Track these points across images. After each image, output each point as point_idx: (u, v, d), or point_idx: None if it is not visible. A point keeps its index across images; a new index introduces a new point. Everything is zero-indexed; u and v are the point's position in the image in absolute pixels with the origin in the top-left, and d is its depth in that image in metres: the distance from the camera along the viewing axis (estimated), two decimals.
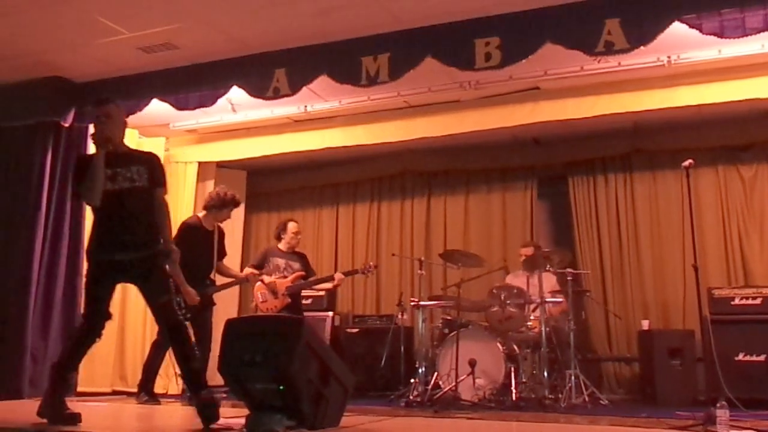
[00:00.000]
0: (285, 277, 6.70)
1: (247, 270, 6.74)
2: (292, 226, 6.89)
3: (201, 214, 6.35)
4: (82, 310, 4.59)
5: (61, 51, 6.42)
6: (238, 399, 4.04)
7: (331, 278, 6.83)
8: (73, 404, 6.06)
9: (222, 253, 6.42)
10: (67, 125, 6.98)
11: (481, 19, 5.61)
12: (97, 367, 7.17)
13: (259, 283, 6.68)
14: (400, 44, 5.84)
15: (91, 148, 4.50)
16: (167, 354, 6.32)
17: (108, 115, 4.42)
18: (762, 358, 6.05)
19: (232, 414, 4.29)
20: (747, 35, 4.93)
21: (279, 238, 6.90)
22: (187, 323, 4.33)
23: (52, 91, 6.94)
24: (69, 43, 6.25)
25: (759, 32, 4.91)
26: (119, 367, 7.52)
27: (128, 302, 7.55)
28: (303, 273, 6.78)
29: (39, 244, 6.73)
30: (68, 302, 6.78)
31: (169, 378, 7.44)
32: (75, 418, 4.06)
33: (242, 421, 3.68)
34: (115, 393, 7.27)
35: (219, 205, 6.25)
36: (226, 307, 8.09)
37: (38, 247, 6.72)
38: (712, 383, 5.86)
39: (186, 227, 6.20)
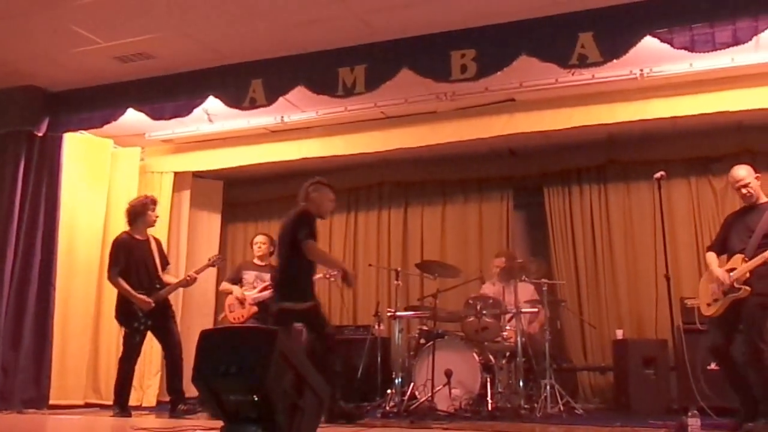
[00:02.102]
0: (254, 288, 6.91)
1: (236, 291, 6.95)
2: (258, 238, 7.27)
3: (128, 228, 6.37)
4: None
5: (35, 60, 6.37)
6: (213, 410, 4.01)
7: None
8: (45, 417, 6.02)
9: (164, 260, 6.47)
10: (40, 135, 6.92)
11: (457, 32, 5.66)
12: (70, 379, 7.07)
13: (230, 295, 6.96)
14: (376, 56, 5.87)
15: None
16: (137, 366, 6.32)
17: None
18: None
19: (207, 426, 4.27)
20: (717, 49, 5.03)
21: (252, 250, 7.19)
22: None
23: (25, 100, 6.88)
24: (43, 52, 6.20)
25: (728, 47, 5.00)
26: (92, 379, 7.41)
27: (102, 314, 7.47)
28: (268, 283, 6.80)
29: (11, 255, 6.66)
30: (40, 314, 6.69)
31: (144, 390, 7.38)
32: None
33: None
34: (87, 405, 7.18)
35: (139, 213, 6.30)
36: (201, 318, 8.09)
37: (10, 258, 6.64)
38: (685, 392, 5.93)
39: (118, 243, 6.28)
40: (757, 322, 4.65)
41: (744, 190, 4.93)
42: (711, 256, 5.04)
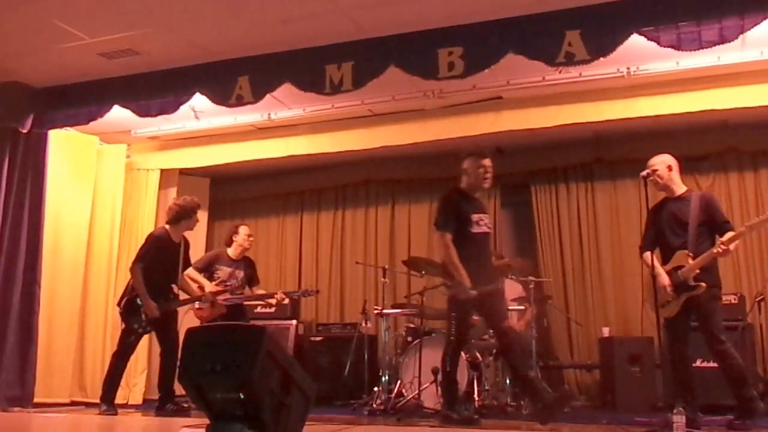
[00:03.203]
0: (227, 286, 6.48)
1: (208, 286, 6.41)
2: (244, 230, 6.74)
3: (167, 226, 6.26)
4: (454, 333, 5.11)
5: (19, 56, 6.31)
6: (199, 408, 4.00)
7: (270, 296, 6.66)
8: (30, 416, 5.98)
9: (187, 264, 6.37)
10: (25, 131, 6.85)
11: (445, 29, 5.65)
12: (55, 377, 7.03)
13: (197, 289, 6.40)
14: (363, 53, 5.86)
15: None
16: (128, 364, 6.29)
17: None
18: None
19: (193, 423, 4.25)
20: (703, 48, 5.04)
21: (229, 244, 6.71)
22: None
23: (9, 96, 6.81)
24: (28, 48, 6.15)
25: (714, 45, 5.01)
26: (78, 377, 7.37)
27: (88, 311, 7.44)
28: (235, 284, 6.54)
29: None
30: (25, 312, 6.64)
31: (130, 388, 7.34)
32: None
33: (203, 431, 3.64)
34: (73, 404, 7.14)
35: (186, 215, 6.20)
36: (189, 316, 8.05)
37: None
38: (670, 389, 5.95)
39: (154, 240, 6.16)
40: (713, 315, 4.68)
41: (652, 178, 4.92)
42: (650, 257, 4.86)
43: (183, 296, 6.29)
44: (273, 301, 6.85)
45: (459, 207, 5.07)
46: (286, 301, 6.78)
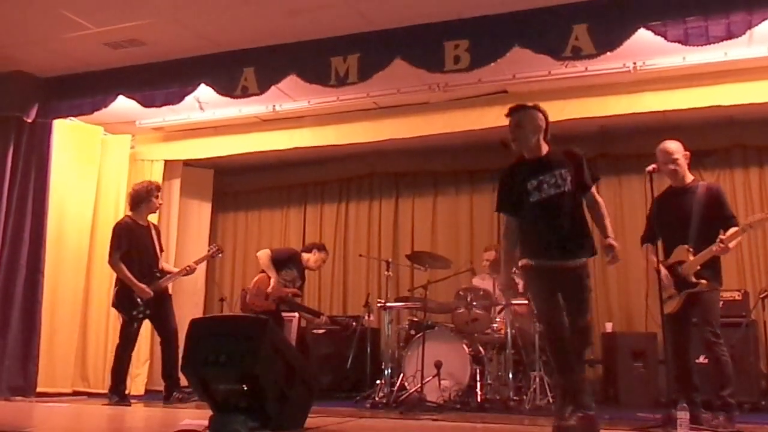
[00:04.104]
0: (286, 287, 6.79)
1: (274, 279, 6.70)
2: (325, 256, 7.14)
3: (130, 213, 6.32)
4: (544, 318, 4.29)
5: (24, 45, 6.30)
6: (202, 399, 4.00)
7: (319, 314, 7.15)
8: (32, 405, 5.99)
9: (161, 249, 6.43)
10: (30, 121, 6.85)
11: (451, 22, 5.63)
12: (58, 366, 7.05)
13: (261, 275, 6.77)
14: (369, 45, 5.84)
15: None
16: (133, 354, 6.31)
17: (518, 124, 4.42)
18: None
19: (196, 415, 4.25)
20: (710, 43, 5.02)
21: (308, 251, 7.05)
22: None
23: (15, 86, 6.81)
24: (33, 37, 6.14)
25: (722, 40, 4.99)
26: (81, 367, 7.39)
27: (91, 301, 7.45)
28: (299, 293, 6.92)
29: None
30: (28, 301, 6.65)
31: (132, 379, 7.35)
32: None
33: (205, 422, 3.64)
34: (75, 393, 7.15)
35: (142, 199, 6.23)
36: (192, 307, 8.07)
37: None
38: (674, 386, 5.93)
39: (119, 228, 6.21)
40: (711, 311, 4.60)
41: (672, 166, 4.74)
42: (648, 250, 4.82)
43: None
44: (316, 321, 7.18)
45: (508, 183, 4.43)
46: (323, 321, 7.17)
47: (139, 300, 5.98)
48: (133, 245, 6.10)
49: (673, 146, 4.79)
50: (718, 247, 4.51)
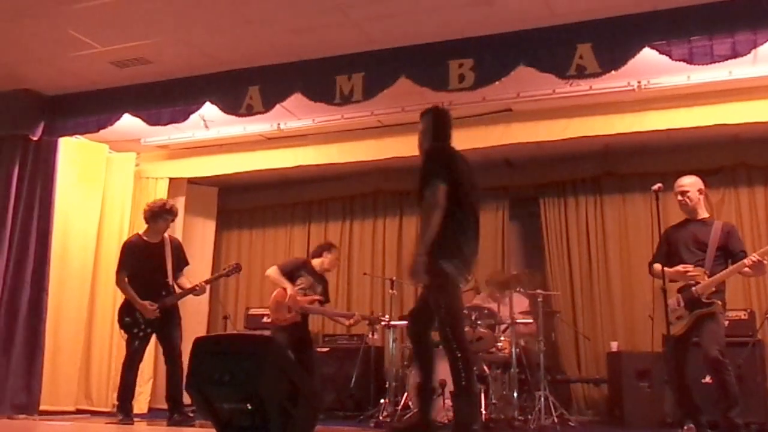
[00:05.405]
0: (305, 295, 6.55)
1: (290, 290, 6.46)
2: (337, 253, 6.94)
3: (142, 230, 6.27)
4: None
5: (31, 64, 6.34)
6: (206, 418, 3.98)
7: (350, 315, 6.84)
8: (36, 423, 5.96)
9: (182, 263, 6.31)
10: (35, 139, 6.87)
11: (455, 41, 5.65)
12: (61, 384, 7.02)
13: (279, 290, 6.50)
14: (374, 64, 5.86)
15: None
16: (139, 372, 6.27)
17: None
18: None
19: None
20: (715, 62, 5.02)
21: (318, 256, 6.80)
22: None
23: (21, 104, 6.84)
24: (39, 56, 6.18)
25: (726, 59, 5.00)
26: (84, 385, 7.36)
27: (94, 319, 7.43)
28: (321, 298, 6.69)
29: (4, 259, 6.60)
30: (32, 319, 6.62)
31: (135, 396, 7.31)
32: None
33: None
34: (79, 411, 7.12)
35: (153, 217, 6.15)
36: (196, 325, 8.04)
37: (2, 263, 6.58)
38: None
39: (126, 247, 6.16)
40: (721, 334, 4.68)
41: (680, 197, 4.96)
42: (660, 268, 4.79)
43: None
44: (349, 322, 6.86)
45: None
46: (356, 320, 6.82)
47: (140, 319, 5.95)
48: (138, 264, 6.04)
49: (686, 180, 5.00)
50: (752, 260, 4.59)
